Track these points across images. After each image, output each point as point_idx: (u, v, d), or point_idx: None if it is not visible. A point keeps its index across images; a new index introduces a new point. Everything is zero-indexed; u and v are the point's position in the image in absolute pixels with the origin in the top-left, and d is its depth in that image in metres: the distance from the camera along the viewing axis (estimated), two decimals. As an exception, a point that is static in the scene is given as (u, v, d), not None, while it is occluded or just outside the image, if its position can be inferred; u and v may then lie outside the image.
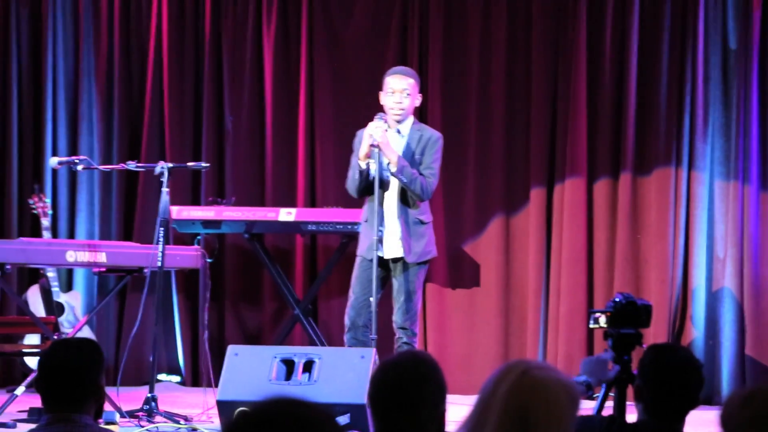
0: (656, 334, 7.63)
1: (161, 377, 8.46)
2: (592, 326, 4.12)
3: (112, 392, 6.54)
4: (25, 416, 6.72)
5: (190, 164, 7.11)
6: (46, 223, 8.00)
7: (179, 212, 7.90)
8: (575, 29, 8.10)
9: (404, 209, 6.60)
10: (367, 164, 6.53)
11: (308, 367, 5.95)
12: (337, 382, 5.83)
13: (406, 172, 6.49)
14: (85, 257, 6.89)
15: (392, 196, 6.61)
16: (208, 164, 7.13)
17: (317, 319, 8.41)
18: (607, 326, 4.06)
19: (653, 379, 3.59)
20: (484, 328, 8.25)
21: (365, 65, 8.43)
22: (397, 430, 2.91)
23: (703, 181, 7.92)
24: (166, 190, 6.71)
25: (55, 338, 6.94)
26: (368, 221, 6.61)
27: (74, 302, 8.24)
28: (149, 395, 6.54)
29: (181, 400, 7.57)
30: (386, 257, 6.61)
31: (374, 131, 6.49)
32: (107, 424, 5.69)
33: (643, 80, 8.04)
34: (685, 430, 3.65)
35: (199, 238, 8.21)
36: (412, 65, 8.05)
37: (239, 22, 8.61)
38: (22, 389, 6.77)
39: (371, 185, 6.52)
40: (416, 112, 6.82)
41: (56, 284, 8.02)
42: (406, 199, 6.60)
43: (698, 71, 7.93)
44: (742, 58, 7.88)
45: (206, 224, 7.95)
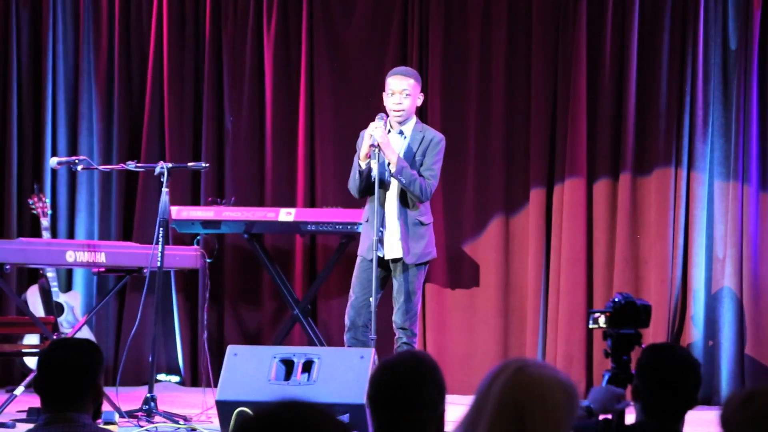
0: (656, 334, 7.63)
1: (160, 377, 8.46)
2: (591, 326, 4.11)
3: (111, 392, 6.54)
4: (24, 416, 6.71)
5: (189, 164, 7.10)
6: (45, 223, 8.00)
7: (179, 212, 7.90)
8: (575, 29, 8.10)
9: (404, 210, 6.59)
10: (367, 164, 6.52)
11: (307, 367, 5.94)
12: (336, 382, 5.82)
13: (405, 173, 6.48)
14: (84, 257, 6.88)
15: (393, 196, 6.61)
16: (207, 164, 7.12)
17: (317, 319, 8.41)
18: (606, 326, 4.05)
19: (650, 378, 3.58)
20: (483, 328, 8.24)
21: (365, 66, 8.43)
22: (396, 430, 2.91)
23: (702, 181, 7.92)
24: (165, 190, 6.70)
25: (54, 338, 6.93)
26: (369, 221, 6.60)
27: (73, 302, 8.24)
28: (148, 395, 6.53)
29: (180, 400, 7.57)
30: (386, 258, 6.60)
31: (374, 131, 6.49)
32: (106, 424, 5.69)
33: (642, 80, 8.04)
34: (684, 430, 3.64)
35: (198, 238, 8.21)
36: (412, 66, 8.04)
37: (239, 22, 8.61)
38: (21, 389, 6.76)
39: (372, 185, 6.51)
40: (417, 112, 6.81)
41: (55, 284, 8.02)
42: (405, 200, 6.58)
43: (698, 71, 7.93)
44: (742, 58, 7.87)
45: (206, 224, 7.95)
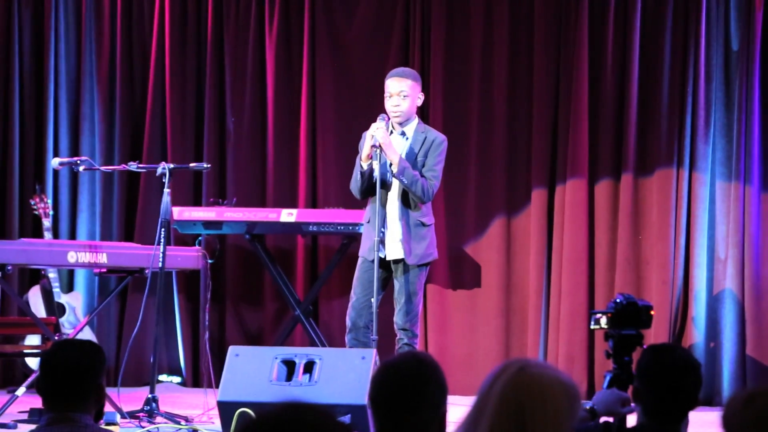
0: (657, 335, 7.63)
1: (162, 378, 8.47)
2: (593, 327, 4.11)
3: (112, 393, 6.54)
4: (25, 417, 6.71)
5: (191, 165, 7.10)
6: (47, 223, 8.00)
7: (180, 213, 7.90)
8: (577, 30, 8.09)
9: (405, 211, 6.58)
10: (369, 165, 6.52)
11: (309, 367, 5.94)
12: (337, 383, 5.81)
13: (407, 173, 6.48)
14: (86, 258, 6.89)
15: (394, 197, 6.60)
16: (209, 165, 7.12)
17: (318, 319, 8.41)
18: (607, 327, 4.05)
19: (651, 379, 3.58)
20: (484, 328, 8.24)
21: (367, 66, 8.43)
22: (398, 431, 2.90)
23: (704, 181, 7.92)
24: (167, 191, 6.70)
25: (56, 339, 6.93)
26: (370, 222, 6.59)
27: (75, 303, 8.24)
28: (150, 396, 6.53)
29: (181, 400, 7.57)
30: (388, 258, 6.59)
31: (376, 132, 6.48)
32: (108, 424, 5.69)
33: (644, 81, 8.04)
34: (687, 431, 3.64)
35: (200, 239, 8.21)
36: (413, 66, 8.05)
37: (241, 23, 8.61)
38: (22, 390, 6.76)
39: (374, 186, 6.51)
40: (419, 112, 6.81)
41: (57, 285, 8.02)
42: (407, 200, 6.58)
43: (700, 72, 7.93)
44: (744, 58, 7.87)
45: (207, 225, 7.95)
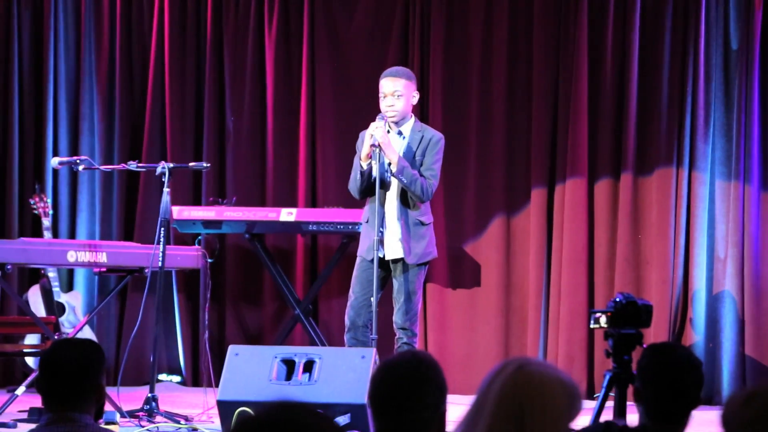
0: (657, 334, 7.63)
1: (162, 377, 8.47)
2: (592, 326, 4.12)
3: (112, 392, 6.54)
4: (25, 416, 6.71)
5: (191, 164, 7.10)
6: (47, 223, 8.00)
7: (180, 212, 7.90)
8: (576, 29, 8.09)
9: (404, 210, 6.58)
10: (368, 165, 6.52)
11: (309, 367, 5.94)
12: (337, 382, 5.82)
13: (406, 173, 6.47)
14: (85, 257, 6.89)
15: (393, 196, 6.60)
16: (209, 164, 7.12)
17: (318, 319, 8.41)
18: (607, 326, 4.06)
19: (652, 379, 3.57)
20: (484, 328, 8.24)
21: (366, 65, 8.42)
22: (397, 430, 2.90)
23: (704, 181, 7.92)
24: (167, 190, 6.70)
25: (55, 338, 6.93)
26: (369, 222, 6.59)
27: (75, 302, 8.24)
28: (150, 395, 6.53)
29: (181, 400, 7.57)
30: (387, 258, 6.59)
31: (375, 131, 6.48)
32: (107, 424, 5.69)
33: (644, 80, 8.04)
34: (685, 430, 3.64)
35: (199, 238, 8.21)
36: (413, 66, 8.05)
37: (241, 22, 8.61)
38: (22, 389, 6.76)
39: (373, 186, 6.50)
40: (417, 112, 6.80)
41: (57, 284, 8.02)
42: (406, 200, 6.57)
43: (699, 71, 7.92)
44: (743, 58, 7.87)
45: (207, 224, 7.95)
